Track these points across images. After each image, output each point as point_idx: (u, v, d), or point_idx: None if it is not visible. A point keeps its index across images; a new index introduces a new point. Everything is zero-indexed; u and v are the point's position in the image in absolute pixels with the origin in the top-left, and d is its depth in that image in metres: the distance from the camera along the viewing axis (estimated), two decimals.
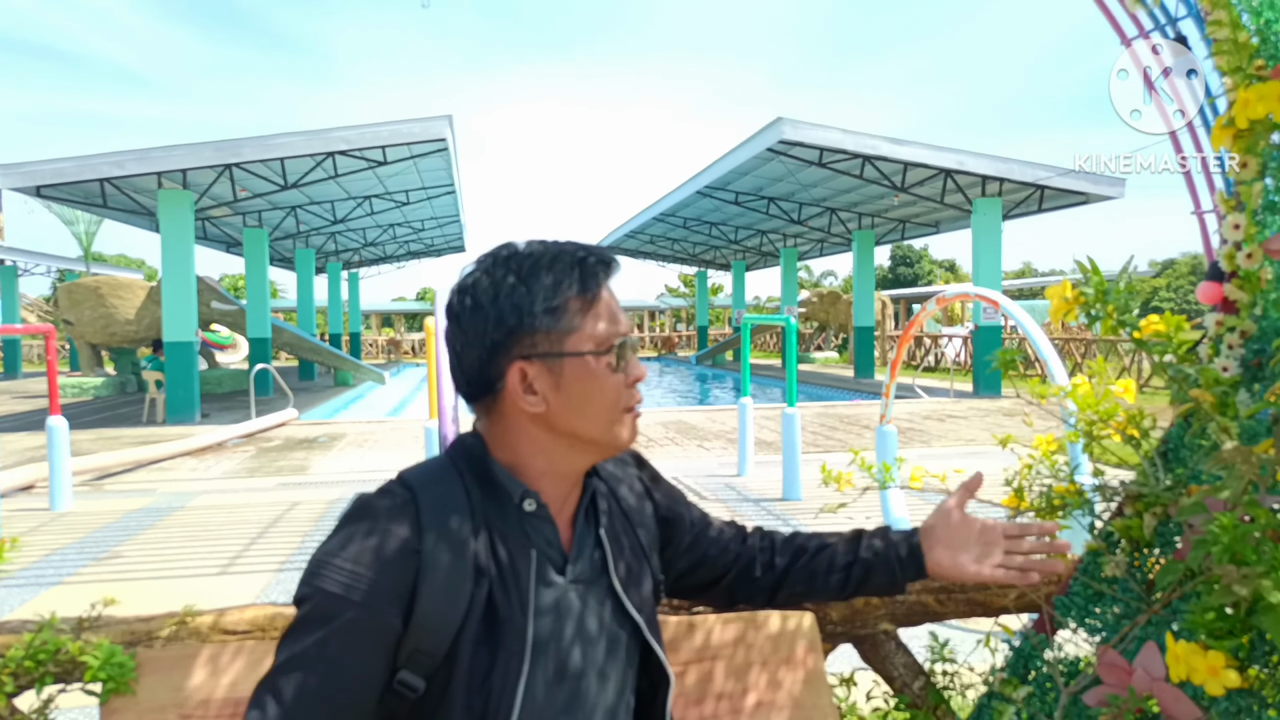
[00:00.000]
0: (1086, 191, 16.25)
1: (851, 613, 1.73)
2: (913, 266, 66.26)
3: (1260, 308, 1.68)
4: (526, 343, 0.96)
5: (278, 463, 9.69)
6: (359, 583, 0.88)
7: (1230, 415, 1.63)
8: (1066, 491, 1.78)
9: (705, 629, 1.61)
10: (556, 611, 0.99)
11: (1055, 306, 1.59)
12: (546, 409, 0.97)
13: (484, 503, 0.97)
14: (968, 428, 11.54)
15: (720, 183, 19.92)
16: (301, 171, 15.71)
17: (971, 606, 1.80)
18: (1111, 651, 1.48)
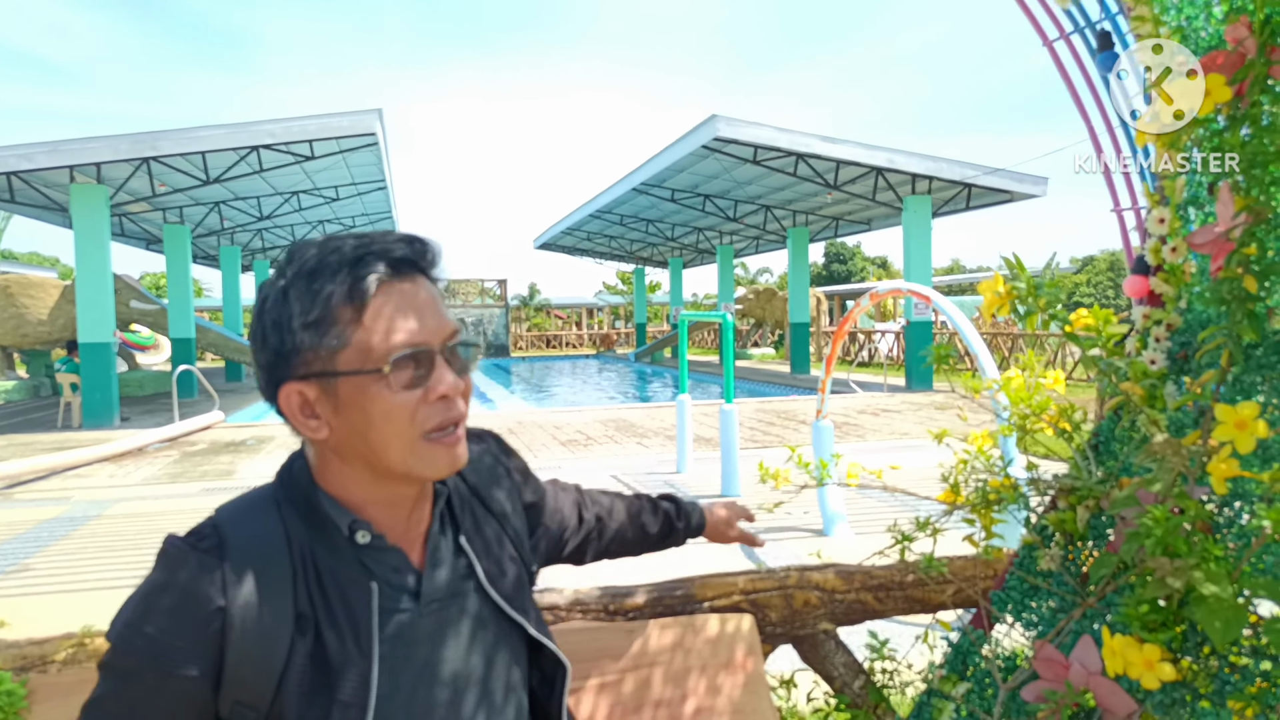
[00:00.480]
0: (1011, 190, 16.71)
1: (791, 613, 1.71)
2: (846, 263, 67.41)
3: (1185, 301, 1.70)
4: (296, 362, 0.85)
5: (202, 467, 9.36)
6: (151, 645, 0.79)
7: (1159, 407, 1.65)
8: (1001, 486, 1.79)
9: (642, 634, 1.57)
10: (413, 641, 0.90)
11: (988, 300, 1.58)
12: (330, 435, 0.86)
13: (308, 537, 0.87)
14: (901, 421, 11.75)
15: (656, 179, 19.93)
16: (225, 166, 15.19)
17: (910, 603, 1.79)
18: (1048, 646, 1.48)
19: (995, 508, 1.79)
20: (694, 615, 1.62)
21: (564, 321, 49.65)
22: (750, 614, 1.66)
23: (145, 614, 0.80)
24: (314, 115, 13.65)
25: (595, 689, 1.52)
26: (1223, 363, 1.49)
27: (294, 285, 0.85)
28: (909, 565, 1.79)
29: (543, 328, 46.93)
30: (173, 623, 0.79)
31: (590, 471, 8.40)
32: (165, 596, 0.80)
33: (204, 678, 0.80)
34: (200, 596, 0.80)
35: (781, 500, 2.17)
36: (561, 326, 48.66)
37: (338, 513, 0.88)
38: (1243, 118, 1.50)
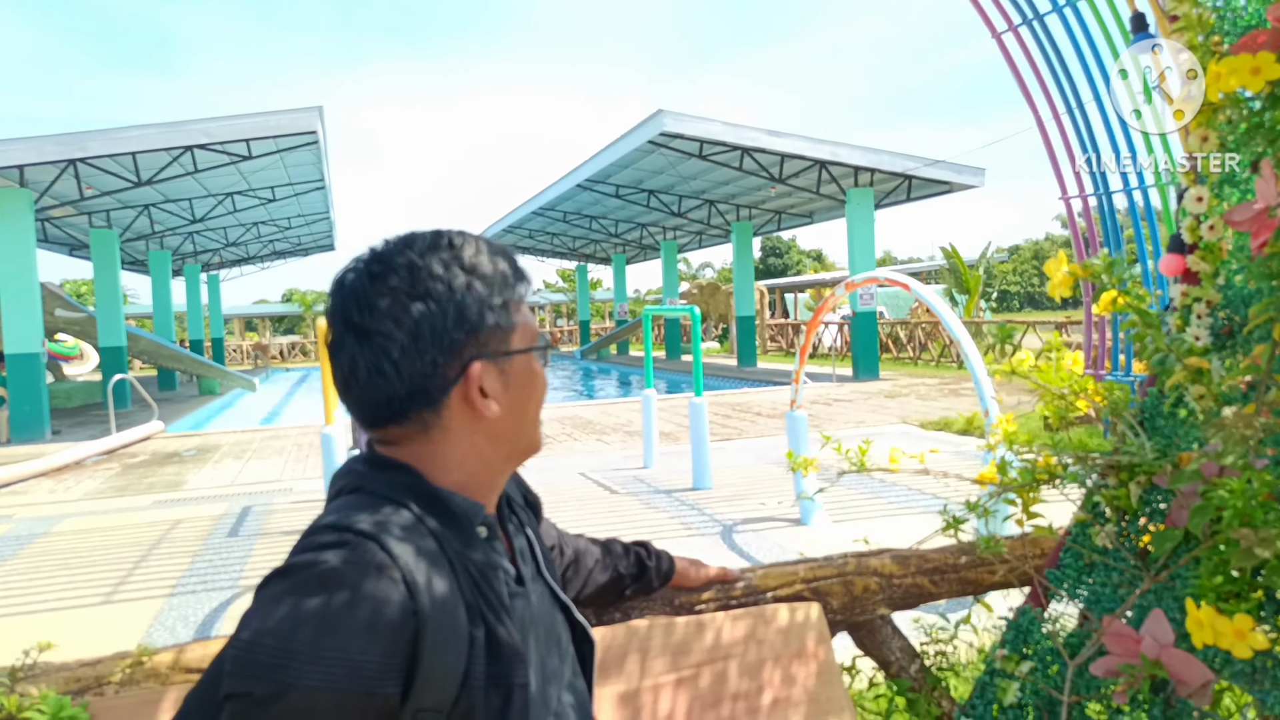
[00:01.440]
0: (950, 181, 17.09)
1: (851, 600, 1.70)
2: (782, 257, 68.29)
3: (1223, 277, 1.73)
4: (481, 341, 0.86)
5: (148, 479, 9.01)
6: (352, 668, 0.72)
7: (1206, 383, 1.68)
8: (1051, 465, 1.80)
9: (715, 628, 1.54)
10: (527, 622, 0.92)
11: (1058, 279, 1.59)
12: (500, 413, 0.88)
13: (447, 536, 0.85)
14: (855, 410, 11.93)
15: (601, 175, 19.87)
16: (156, 167, 14.64)
17: (964, 585, 1.80)
18: (1117, 621, 1.49)
19: (1044, 486, 1.80)
20: (761, 606, 1.60)
21: None
22: (815, 602, 1.64)
23: (331, 634, 0.72)
24: (252, 113, 13.25)
25: (673, 684, 1.49)
26: (1275, 335, 1.52)
27: (482, 268, 0.88)
28: (962, 547, 1.80)
29: None
30: (371, 640, 0.73)
31: (555, 471, 8.33)
32: (355, 612, 0.73)
33: (399, 692, 0.75)
34: (394, 606, 0.75)
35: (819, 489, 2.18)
36: None
37: (468, 506, 0.88)
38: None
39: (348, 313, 0.84)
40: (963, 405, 11.90)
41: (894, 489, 6.61)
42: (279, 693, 0.71)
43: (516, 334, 0.90)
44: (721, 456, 8.46)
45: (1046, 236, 72.60)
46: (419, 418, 0.86)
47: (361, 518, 0.80)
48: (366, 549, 0.77)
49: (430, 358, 0.83)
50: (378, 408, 0.85)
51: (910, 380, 16.35)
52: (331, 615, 0.72)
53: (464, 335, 0.85)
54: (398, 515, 0.82)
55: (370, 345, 0.83)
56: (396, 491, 0.85)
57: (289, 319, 54.97)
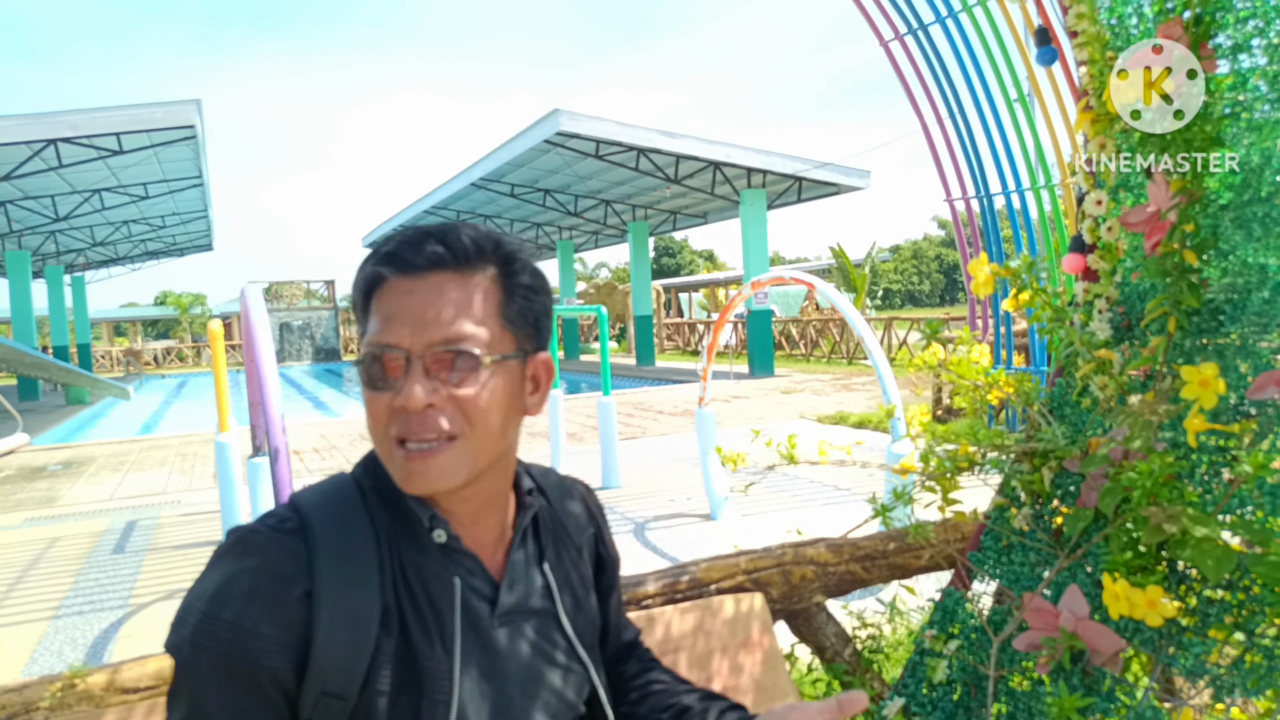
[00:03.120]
0: (838, 183, 17.67)
1: (790, 589, 1.76)
2: (675, 256, 69.11)
3: (1120, 275, 1.87)
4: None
5: (16, 495, 8.39)
6: (236, 635, 0.74)
7: (1108, 374, 1.81)
8: (970, 453, 1.90)
9: (664, 621, 1.57)
10: (486, 648, 0.85)
11: (980, 279, 1.68)
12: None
13: (392, 529, 0.82)
14: (753, 406, 12.19)
15: (496, 174, 19.64)
16: (14, 162, 13.64)
17: (893, 570, 1.88)
18: (1037, 598, 1.60)
19: (962, 474, 1.90)
20: (707, 599, 1.64)
21: None
22: (757, 592, 1.69)
23: (223, 602, 0.75)
24: (124, 105, 12.50)
25: None
26: (1169, 329, 1.65)
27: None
28: (891, 534, 1.88)
29: None
30: (256, 608, 0.75)
31: None
32: (243, 581, 0.76)
33: (290, 668, 0.76)
34: (284, 578, 0.77)
35: (753, 481, 2.24)
36: None
37: (419, 506, 0.84)
38: None
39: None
40: (855, 399, 12.34)
41: (797, 482, 6.80)
42: (179, 645, 0.75)
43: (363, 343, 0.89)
44: (628, 455, 8.51)
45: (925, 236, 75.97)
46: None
47: (313, 495, 0.84)
48: (287, 522, 0.80)
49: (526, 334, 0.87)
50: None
51: (804, 376, 16.83)
52: (232, 579, 0.76)
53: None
54: (347, 500, 0.84)
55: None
56: (367, 477, 0.86)
57: (163, 322, 52.04)
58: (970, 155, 6.97)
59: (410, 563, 0.82)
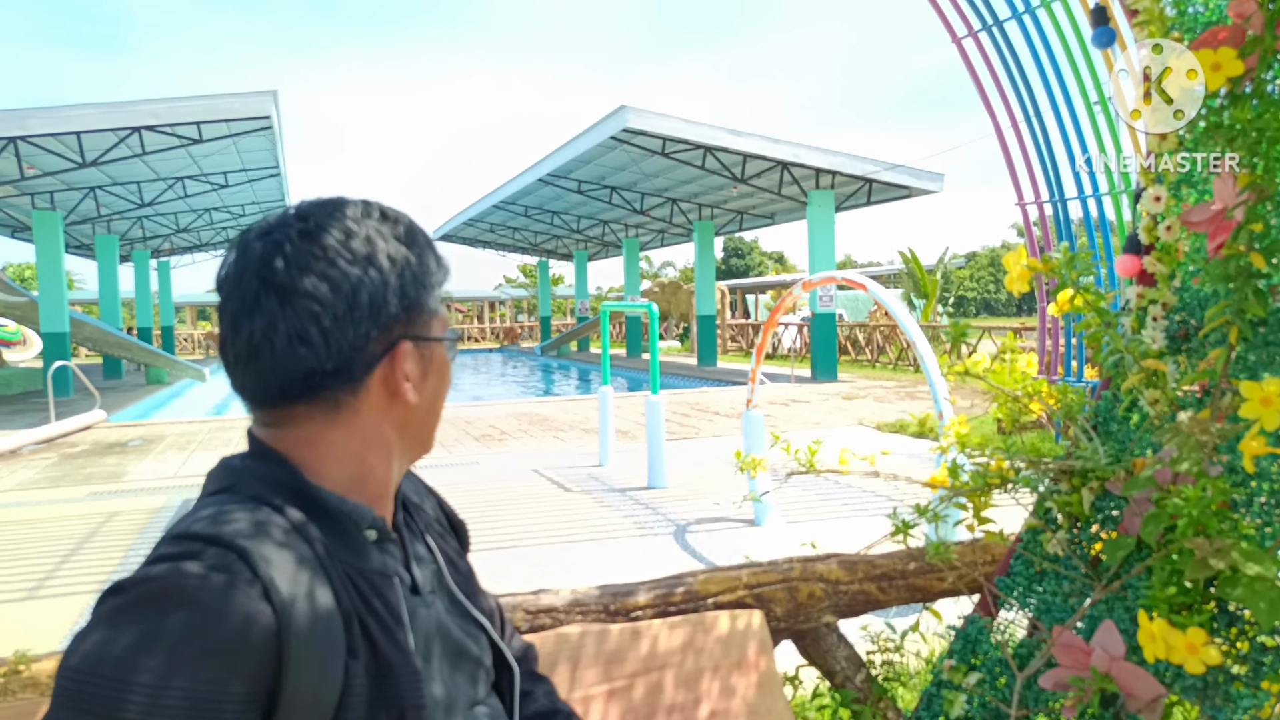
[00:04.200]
0: (910, 185, 17.23)
1: (795, 607, 1.63)
2: (744, 258, 68.63)
3: (1180, 279, 1.69)
4: (416, 320, 0.80)
5: (86, 470, 8.70)
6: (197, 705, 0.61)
7: (1160, 387, 1.63)
8: (1003, 469, 1.75)
9: (651, 636, 1.46)
10: (425, 634, 0.82)
11: (1016, 273, 1.53)
12: (416, 402, 0.81)
13: (328, 541, 0.75)
14: (812, 411, 11.95)
15: (563, 170, 19.72)
16: (102, 148, 14.19)
17: (912, 592, 1.74)
18: (1067, 632, 1.44)
19: (996, 491, 1.75)
20: (702, 613, 1.52)
21: (465, 315, 48.79)
22: (758, 609, 1.57)
23: (170, 668, 0.61)
24: (203, 95, 12.89)
25: (605, 696, 1.40)
26: (1230, 339, 1.48)
27: (420, 245, 0.82)
28: (911, 553, 1.74)
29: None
30: (219, 668, 0.62)
31: (509, 467, 8.21)
32: (196, 638, 0.62)
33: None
34: (251, 626, 0.64)
35: (765, 491, 2.12)
36: (463, 320, 47.79)
37: (353, 509, 0.77)
38: (1247, 95, 1.49)
39: (270, 270, 0.73)
40: (919, 408, 12.00)
41: (848, 490, 6.60)
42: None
43: (437, 321, 0.84)
44: (678, 455, 8.40)
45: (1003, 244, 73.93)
46: (333, 396, 0.76)
47: (221, 522, 0.70)
48: (221, 559, 0.66)
49: (364, 329, 0.75)
50: (291, 382, 0.74)
51: (868, 382, 16.46)
52: (175, 640, 0.62)
53: (399, 311, 0.78)
54: (267, 518, 0.72)
55: (297, 308, 0.72)
56: (270, 490, 0.74)
57: None
58: (1045, 158, 6.67)
59: (354, 570, 0.75)
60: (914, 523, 1.83)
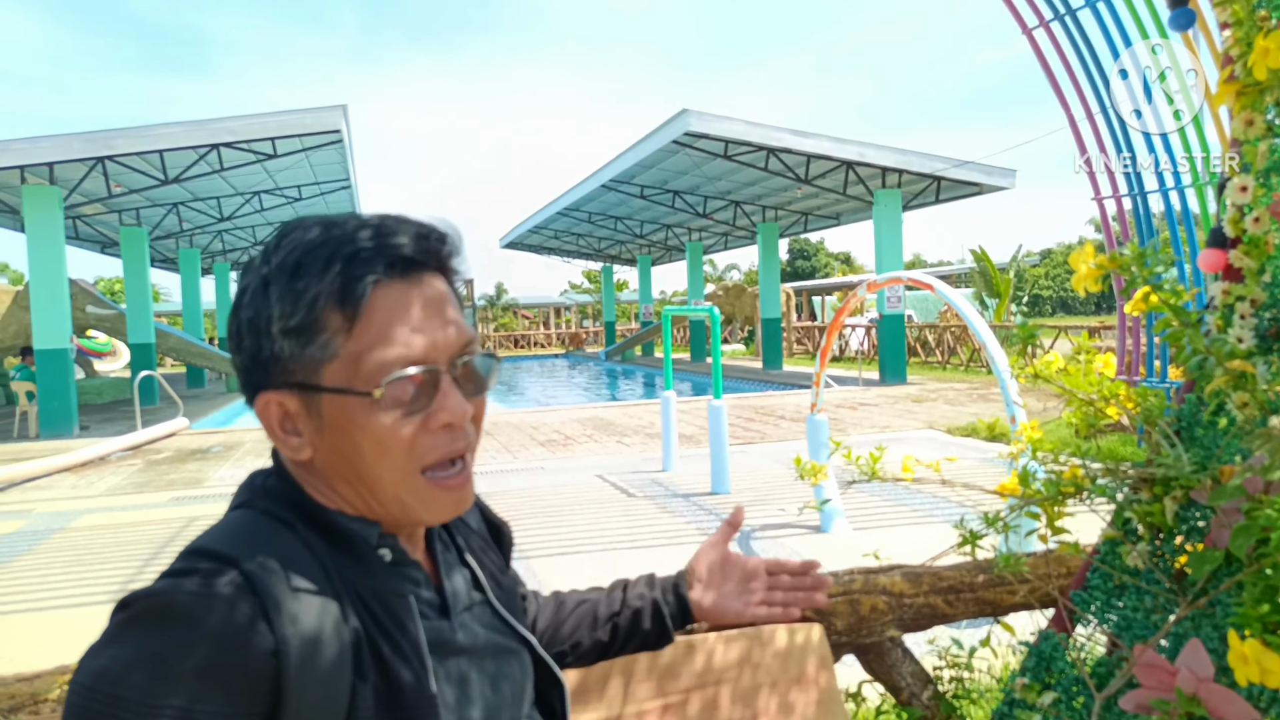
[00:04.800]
0: (980, 182, 16.80)
1: (858, 620, 1.57)
2: (810, 259, 67.85)
3: (1269, 274, 1.59)
4: (275, 370, 0.72)
5: (169, 475, 9.03)
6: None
7: (1250, 389, 1.53)
8: (1078, 476, 1.66)
9: (706, 650, 1.42)
10: (451, 654, 0.79)
11: (1084, 272, 1.45)
12: (314, 456, 0.74)
13: (332, 558, 0.73)
14: (880, 415, 11.72)
15: (625, 176, 19.78)
16: (183, 165, 14.74)
17: (981, 606, 1.66)
18: (1150, 651, 1.35)
19: (1071, 500, 1.66)
20: (759, 627, 1.48)
21: (531, 321, 49.35)
22: (818, 623, 1.52)
23: (164, 686, 0.60)
24: (276, 112, 13.29)
25: (659, 711, 1.37)
26: None
27: (275, 280, 0.71)
28: (980, 565, 1.66)
29: (510, 328, 46.60)
30: (215, 686, 0.61)
31: (574, 471, 8.24)
32: (191, 656, 0.61)
33: None
34: (248, 645, 0.63)
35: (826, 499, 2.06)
36: (529, 326, 48.36)
37: (361, 526, 0.76)
38: None
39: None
40: (992, 411, 11.67)
41: (918, 496, 6.44)
42: None
43: (333, 367, 0.71)
44: (742, 460, 8.32)
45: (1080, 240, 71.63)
46: None
47: (229, 539, 0.69)
48: (221, 576, 0.65)
49: (240, 378, 0.76)
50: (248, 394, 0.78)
51: (939, 385, 16.09)
52: (169, 657, 0.61)
53: (246, 359, 0.74)
54: (276, 536, 0.71)
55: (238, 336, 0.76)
56: (281, 507, 0.74)
57: None
58: (1122, 150, 6.42)
59: (365, 588, 0.73)
60: (982, 533, 1.75)
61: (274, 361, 0.71)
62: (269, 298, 0.71)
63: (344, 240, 0.72)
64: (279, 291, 0.70)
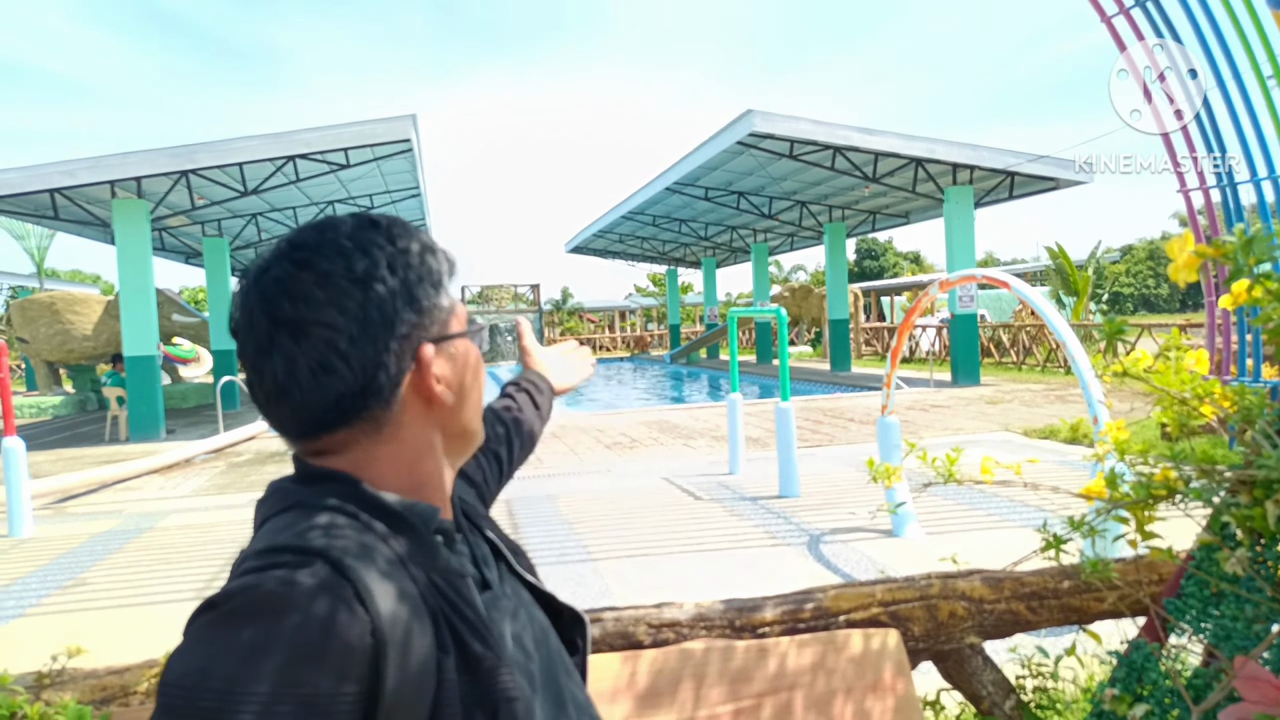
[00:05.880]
0: (1056, 177, 16.29)
1: (935, 626, 1.52)
2: (878, 259, 66.74)
3: None
4: (427, 324, 0.79)
5: (250, 477, 9.33)
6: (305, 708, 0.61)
7: None
8: (1170, 479, 1.58)
9: (779, 654, 1.40)
10: (505, 625, 0.82)
11: (1183, 261, 1.38)
12: (453, 401, 0.82)
13: (404, 545, 0.75)
14: (953, 417, 11.45)
15: (690, 178, 19.75)
16: (261, 177, 15.25)
17: (1066, 613, 1.60)
18: (1251, 663, 1.28)
19: (1162, 503, 1.59)
20: (833, 631, 1.44)
21: (596, 325, 49.64)
22: (894, 628, 1.48)
23: (277, 669, 0.61)
24: (349, 123, 13.63)
25: (730, 716, 1.35)
26: None
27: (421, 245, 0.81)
28: (1065, 570, 1.60)
29: (576, 331, 46.93)
30: (323, 671, 0.62)
31: (639, 475, 8.24)
32: (303, 639, 0.62)
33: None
34: (349, 628, 0.64)
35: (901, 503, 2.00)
36: (594, 330, 48.65)
37: (424, 510, 0.79)
38: None
39: (277, 308, 0.74)
40: (1071, 412, 11.29)
41: (994, 500, 6.26)
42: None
43: (455, 317, 0.83)
44: (811, 463, 8.21)
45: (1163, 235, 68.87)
46: (371, 416, 0.77)
47: (299, 534, 0.70)
48: (309, 566, 0.66)
49: (384, 343, 0.75)
50: (325, 411, 0.75)
51: (1014, 386, 15.64)
52: (276, 645, 0.62)
53: (415, 317, 0.78)
54: (344, 525, 0.72)
55: (311, 340, 0.73)
56: (340, 500, 0.75)
57: None
58: (1210, 140, 6.14)
59: (432, 569, 0.76)
60: (1067, 537, 1.68)
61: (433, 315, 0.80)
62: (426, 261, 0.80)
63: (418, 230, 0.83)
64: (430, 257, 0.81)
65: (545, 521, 6.46)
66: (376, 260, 0.76)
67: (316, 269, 0.75)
